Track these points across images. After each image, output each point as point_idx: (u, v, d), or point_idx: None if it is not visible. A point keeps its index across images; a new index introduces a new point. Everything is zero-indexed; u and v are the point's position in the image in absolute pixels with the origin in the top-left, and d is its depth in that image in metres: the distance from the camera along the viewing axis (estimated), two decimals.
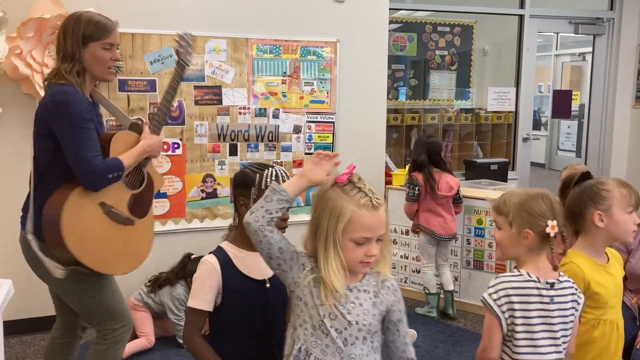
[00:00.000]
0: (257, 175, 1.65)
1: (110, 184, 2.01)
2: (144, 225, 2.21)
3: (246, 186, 1.65)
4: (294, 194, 1.43)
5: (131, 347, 3.05)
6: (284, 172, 1.67)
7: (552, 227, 1.51)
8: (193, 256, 3.23)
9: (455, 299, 3.69)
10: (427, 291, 3.63)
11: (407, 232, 3.87)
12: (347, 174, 1.41)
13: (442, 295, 3.67)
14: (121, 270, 2.14)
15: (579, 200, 1.79)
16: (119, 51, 2.31)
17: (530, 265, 1.57)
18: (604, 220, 1.75)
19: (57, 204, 1.97)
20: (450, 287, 3.63)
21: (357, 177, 1.42)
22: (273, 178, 1.64)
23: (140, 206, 2.18)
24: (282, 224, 1.53)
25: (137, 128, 2.19)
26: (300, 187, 1.45)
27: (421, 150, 3.58)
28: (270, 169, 1.67)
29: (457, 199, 3.60)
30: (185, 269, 3.19)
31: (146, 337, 3.14)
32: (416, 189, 3.52)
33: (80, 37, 2.01)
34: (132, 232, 2.15)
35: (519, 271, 1.57)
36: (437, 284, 3.65)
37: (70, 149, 1.96)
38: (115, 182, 2.03)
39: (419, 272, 3.85)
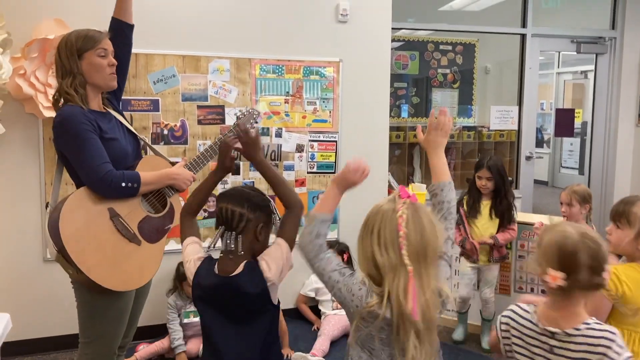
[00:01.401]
0: (271, 203, 1.68)
1: (125, 194, 2.02)
2: (151, 250, 2.15)
3: (267, 213, 1.65)
4: None
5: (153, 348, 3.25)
6: None
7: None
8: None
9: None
10: None
11: None
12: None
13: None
14: (108, 283, 2.00)
15: None
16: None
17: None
18: None
19: (66, 196, 2.01)
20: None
21: None
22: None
23: (152, 231, 2.14)
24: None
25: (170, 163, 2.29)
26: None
27: None
28: (269, 197, 1.70)
29: None
30: (178, 271, 3.35)
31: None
32: None
33: (75, 50, 2.04)
34: (136, 252, 2.10)
35: (529, 308, 1.54)
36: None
37: (77, 164, 2.00)
38: (130, 193, 2.03)
39: None
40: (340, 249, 3.80)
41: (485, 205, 3.39)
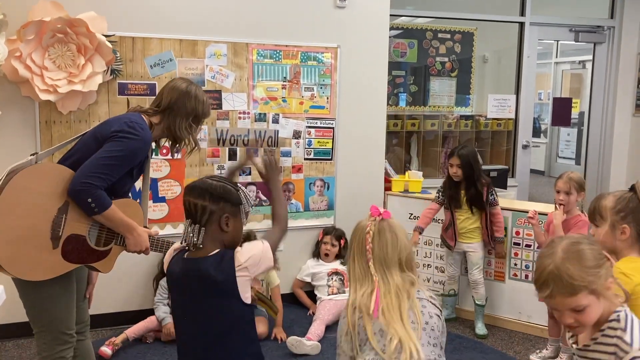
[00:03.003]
0: (240, 193, 1.67)
1: (82, 208, 1.98)
2: (57, 262, 2.01)
3: (233, 204, 1.64)
4: None
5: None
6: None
7: None
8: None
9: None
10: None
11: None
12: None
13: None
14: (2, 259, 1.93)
15: None
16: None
17: None
18: None
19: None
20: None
21: None
22: (249, 197, 1.71)
23: (74, 250, 2.03)
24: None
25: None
26: None
27: None
28: (240, 187, 1.70)
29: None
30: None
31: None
32: None
33: (202, 114, 2.29)
34: (45, 251, 1.98)
35: None
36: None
37: (94, 156, 1.99)
38: (87, 211, 1.99)
39: None
40: (337, 234, 3.81)
41: (463, 195, 3.51)
